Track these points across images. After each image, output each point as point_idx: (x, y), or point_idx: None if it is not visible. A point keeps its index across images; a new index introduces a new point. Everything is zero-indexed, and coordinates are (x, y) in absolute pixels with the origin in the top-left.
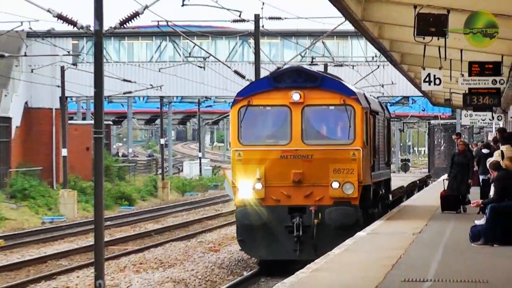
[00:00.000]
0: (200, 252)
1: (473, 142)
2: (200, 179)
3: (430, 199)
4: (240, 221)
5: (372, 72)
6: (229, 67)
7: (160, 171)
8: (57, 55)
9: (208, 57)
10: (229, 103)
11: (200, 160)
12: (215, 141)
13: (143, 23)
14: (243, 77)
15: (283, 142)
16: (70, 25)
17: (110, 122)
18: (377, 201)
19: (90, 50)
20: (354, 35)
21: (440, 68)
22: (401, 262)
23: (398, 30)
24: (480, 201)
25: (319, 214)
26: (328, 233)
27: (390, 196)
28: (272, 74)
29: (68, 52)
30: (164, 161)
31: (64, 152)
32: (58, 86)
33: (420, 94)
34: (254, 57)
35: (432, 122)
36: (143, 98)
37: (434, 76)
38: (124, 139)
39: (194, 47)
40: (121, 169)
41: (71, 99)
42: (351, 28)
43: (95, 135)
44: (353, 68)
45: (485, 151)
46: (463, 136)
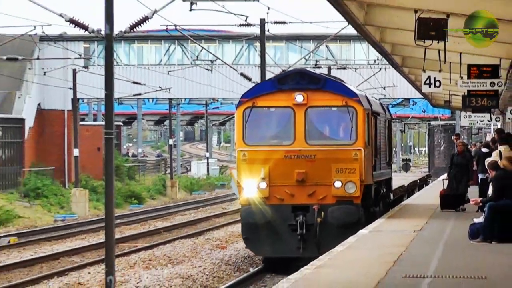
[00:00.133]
0: (208, 249)
1: (472, 142)
2: (207, 178)
3: (430, 198)
4: (245, 220)
5: (374, 74)
6: (236, 70)
7: (168, 170)
8: (69, 58)
9: (215, 60)
10: (235, 104)
11: (207, 160)
12: (222, 142)
13: (152, 27)
14: (249, 79)
15: (286, 142)
16: (81, 29)
17: (121, 123)
18: (378, 200)
19: (101, 54)
20: (357, 39)
21: (440, 71)
22: (402, 259)
23: (399, 34)
24: (479, 199)
25: (322, 212)
26: (331, 231)
27: (391, 195)
28: (276, 76)
29: (80, 55)
30: (173, 161)
31: (75, 152)
32: (70, 88)
33: (421, 96)
34: (260, 60)
35: (432, 123)
36: (152, 100)
37: (434, 78)
38: (134, 140)
39: (201, 51)
40: (131, 168)
41: (83, 101)
42: (353, 32)
43: (106, 136)
44: (355, 71)
45: (485, 150)
46: (462, 137)
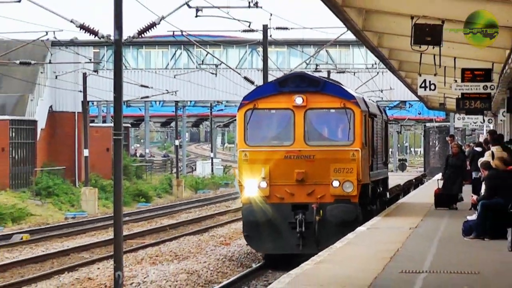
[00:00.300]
0: (212, 246)
1: (466, 143)
2: (212, 177)
3: (426, 197)
4: (246, 218)
5: (372, 78)
6: (239, 74)
7: (174, 170)
8: (80, 63)
9: (220, 65)
10: None
11: (212, 160)
12: (226, 143)
13: (159, 32)
14: (252, 83)
15: (287, 143)
16: (91, 34)
17: (129, 125)
18: (375, 199)
19: (110, 58)
20: (355, 44)
21: (435, 75)
22: (399, 255)
23: (396, 39)
24: (475, 197)
25: (321, 211)
26: (329, 229)
27: (388, 194)
28: (276, 79)
29: (90, 59)
30: (179, 161)
31: (85, 152)
32: (80, 91)
33: (417, 99)
34: (263, 64)
35: (428, 124)
36: (159, 103)
37: (430, 82)
38: (142, 141)
39: (206, 55)
40: (138, 168)
41: (93, 104)
42: (352, 37)
43: (114, 137)
44: (354, 75)
45: (478, 149)
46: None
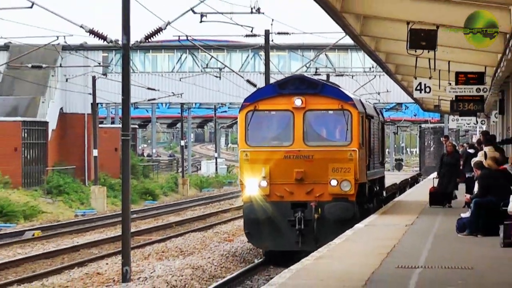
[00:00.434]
0: (216, 242)
1: (459, 143)
2: (216, 176)
3: (421, 195)
4: (247, 216)
5: (370, 81)
6: (242, 77)
7: (180, 169)
8: (89, 66)
9: (224, 68)
10: None
11: (216, 160)
12: (229, 143)
13: (165, 37)
14: (255, 85)
15: (286, 143)
16: (100, 39)
17: (136, 126)
18: (372, 197)
19: (119, 62)
20: (354, 48)
21: (430, 78)
22: (395, 251)
23: (393, 44)
24: (468, 196)
25: (319, 209)
26: (328, 227)
27: (384, 192)
28: (276, 81)
29: (99, 63)
30: (184, 161)
31: (95, 152)
32: (90, 94)
33: (412, 101)
34: (265, 68)
35: (423, 125)
36: (166, 105)
37: (425, 85)
38: (149, 141)
39: (211, 59)
40: (145, 167)
41: (101, 105)
42: (351, 42)
43: (122, 137)
44: (352, 78)
45: (471, 151)
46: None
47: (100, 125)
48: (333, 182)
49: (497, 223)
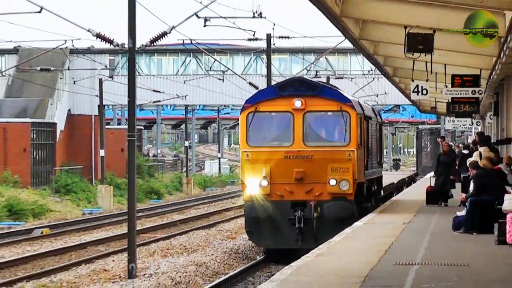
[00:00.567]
0: (219, 239)
1: (455, 144)
2: (219, 176)
3: (418, 194)
4: (248, 214)
5: (368, 83)
6: (245, 80)
7: (184, 169)
8: (96, 69)
9: (227, 71)
10: None
11: (219, 160)
12: (232, 143)
13: (170, 41)
14: (257, 88)
15: (286, 144)
16: (107, 43)
17: (142, 127)
18: (370, 196)
19: (125, 65)
20: (353, 51)
21: (427, 80)
22: (393, 248)
23: (391, 47)
24: (464, 195)
25: (319, 208)
26: (327, 225)
27: (382, 192)
28: (277, 83)
29: (106, 66)
30: (188, 161)
31: (101, 152)
32: (97, 96)
33: (410, 103)
34: (266, 70)
35: (420, 127)
36: (170, 106)
37: (422, 87)
38: (154, 142)
39: (214, 62)
40: (151, 167)
41: (108, 107)
42: (350, 45)
43: (128, 138)
44: (351, 80)
45: (466, 151)
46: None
47: (106, 126)
48: (332, 182)
49: (491, 221)
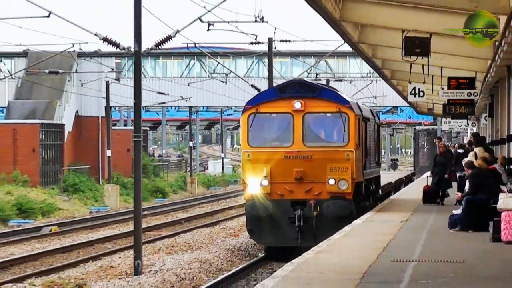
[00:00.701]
0: (222, 237)
1: (451, 144)
2: (222, 175)
3: (415, 193)
4: (249, 213)
5: (367, 86)
6: (247, 82)
7: (188, 169)
8: (103, 72)
9: (229, 74)
10: None
11: (222, 160)
12: (235, 144)
13: (175, 45)
14: (259, 90)
15: (286, 144)
16: (113, 46)
17: (147, 128)
18: (368, 195)
19: (131, 68)
20: (352, 55)
21: (423, 83)
22: (391, 245)
23: (389, 51)
24: (460, 194)
25: (318, 207)
26: (326, 224)
27: (380, 191)
28: (277, 85)
29: (112, 69)
30: (192, 161)
31: (108, 153)
32: (104, 98)
33: (407, 104)
34: (268, 73)
35: (417, 128)
36: (175, 108)
37: (419, 89)
38: (159, 142)
39: (217, 65)
40: (156, 167)
41: (115, 109)
42: (349, 49)
43: (134, 139)
44: (350, 83)
45: (460, 151)
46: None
47: (113, 127)
48: (331, 181)
49: (487, 219)
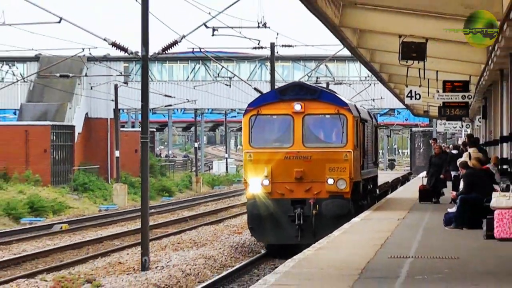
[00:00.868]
0: (226, 234)
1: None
2: (226, 175)
3: (412, 192)
4: (251, 212)
5: (365, 89)
6: (250, 85)
7: (194, 168)
8: (112, 75)
9: (233, 77)
10: None
11: (226, 160)
12: (238, 145)
13: (180, 49)
14: (261, 93)
15: (287, 145)
16: (122, 51)
17: (154, 129)
18: (366, 194)
19: (138, 71)
20: (351, 59)
21: (420, 86)
22: (388, 242)
23: (386, 55)
24: (455, 193)
25: (317, 205)
26: (325, 222)
27: (377, 190)
28: (277, 88)
29: (120, 73)
30: (197, 161)
31: (117, 153)
32: (112, 100)
33: (404, 107)
34: (270, 77)
35: (414, 129)
36: (181, 110)
37: (415, 92)
38: (165, 143)
39: (221, 69)
40: (163, 167)
41: (123, 111)
42: (348, 53)
43: (142, 140)
44: (349, 86)
45: (455, 151)
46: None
47: (121, 129)
48: (330, 181)
49: (480, 217)
